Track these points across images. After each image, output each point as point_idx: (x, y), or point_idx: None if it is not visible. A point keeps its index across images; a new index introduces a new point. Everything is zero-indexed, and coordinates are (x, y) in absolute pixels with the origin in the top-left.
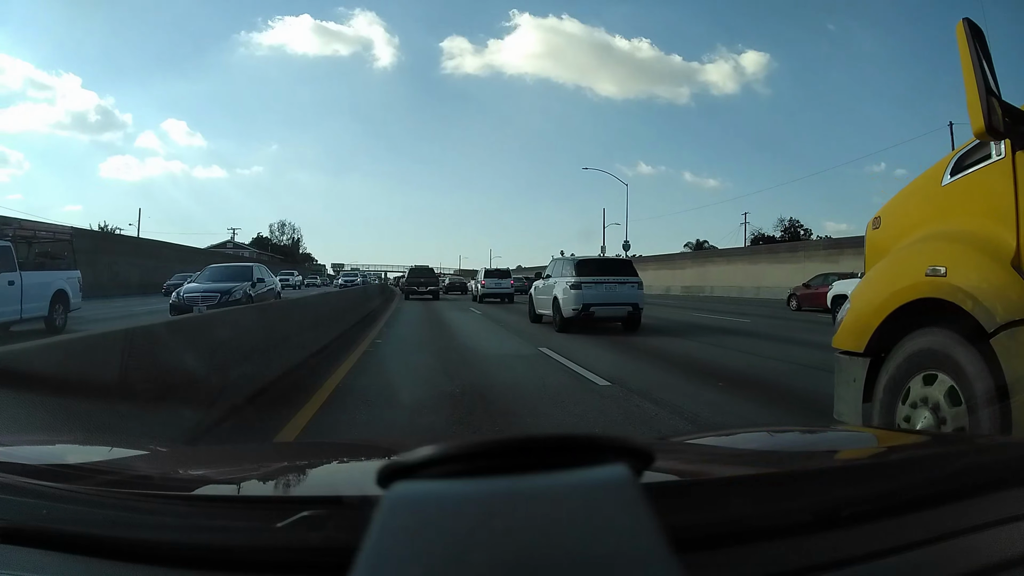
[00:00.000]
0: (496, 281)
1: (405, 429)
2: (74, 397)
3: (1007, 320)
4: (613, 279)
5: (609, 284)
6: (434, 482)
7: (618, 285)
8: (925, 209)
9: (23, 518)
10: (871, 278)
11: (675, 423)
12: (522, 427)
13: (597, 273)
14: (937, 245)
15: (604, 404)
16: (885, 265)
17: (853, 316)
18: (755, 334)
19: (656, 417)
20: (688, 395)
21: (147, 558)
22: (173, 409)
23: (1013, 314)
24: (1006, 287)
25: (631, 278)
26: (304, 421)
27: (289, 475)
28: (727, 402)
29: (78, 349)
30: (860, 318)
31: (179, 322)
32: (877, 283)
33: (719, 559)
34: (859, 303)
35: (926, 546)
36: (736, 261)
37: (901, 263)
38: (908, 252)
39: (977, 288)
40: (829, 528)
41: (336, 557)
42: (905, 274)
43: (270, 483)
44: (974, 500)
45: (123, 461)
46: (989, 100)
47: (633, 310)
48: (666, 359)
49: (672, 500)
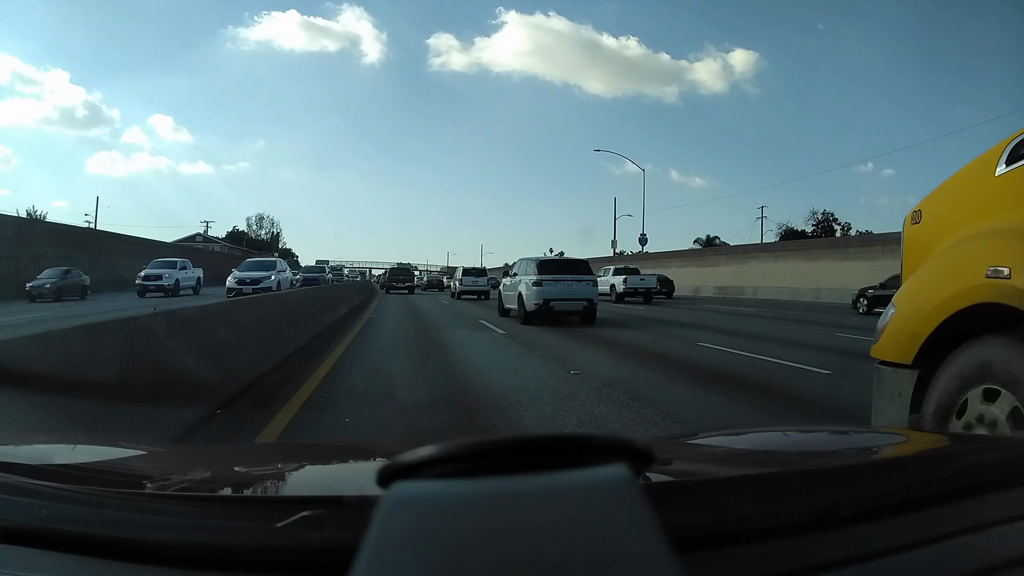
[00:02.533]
0: (473, 279)
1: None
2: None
3: None
4: (571, 277)
5: (567, 282)
6: (434, 482)
7: (575, 283)
8: (976, 202)
9: (23, 518)
10: (920, 280)
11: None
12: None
13: (557, 272)
14: (997, 242)
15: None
16: (935, 265)
17: (899, 323)
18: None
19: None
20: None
21: (147, 558)
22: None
23: None
24: None
25: (587, 276)
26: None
27: (289, 475)
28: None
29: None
30: (907, 325)
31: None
32: (927, 286)
33: (719, 559)
34: (906, 308)
35: (926, 546)
36: (787, 257)
37: (955, 263)
38: (962, 251)
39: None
40: (829, 528)
41: (336, 557)
42: (961, 276)
43: (270, 483)
44: (974, 500)
45: (123, 461)
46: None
47: (588, 305)
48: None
49: (672, 500)
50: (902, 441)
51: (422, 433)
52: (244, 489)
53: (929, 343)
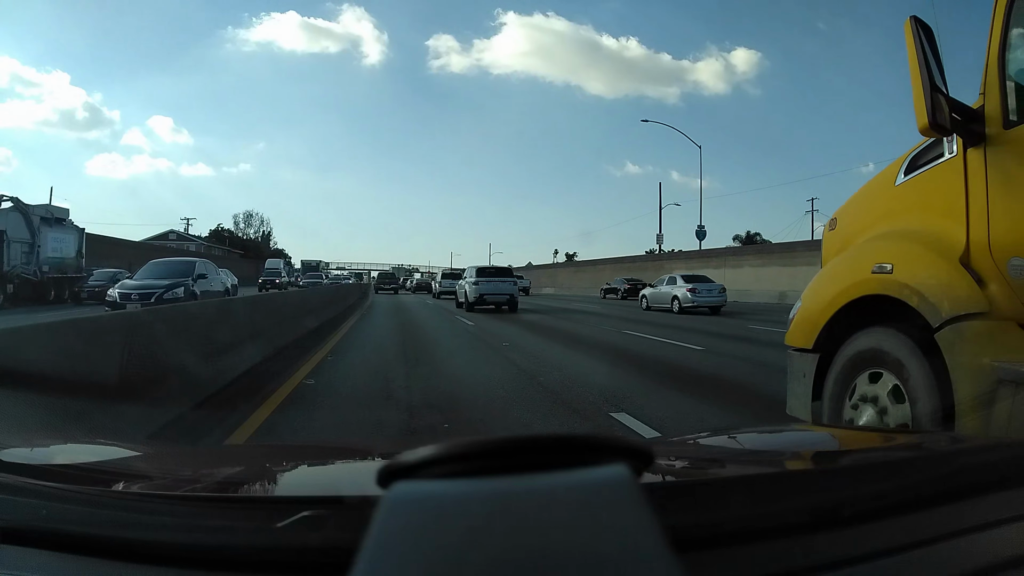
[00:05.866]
0: (451, 281)
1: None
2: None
3: (952, 315)
4: (498, 279)
5: (495, 282)
6: (434, 482)
7: (501, 283)
8: (878, 209)
9: (23, 518)
10: (821, 276)
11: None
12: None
13: (490, 276)
14: (885, 243)
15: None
16: (834, 263)
17: (803, 314)
18: None
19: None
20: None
21: (147, 558)
22: None
23: (959, 309)
24: (952, 283)
25: (510, 278)
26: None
27: (289, 475)
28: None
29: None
30: (809, 315)
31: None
32: (826, 281)
33: (719, 559)
34: (809, 301)
35: (926, 546)
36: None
37: (849, 261)
38: (857, 251)
39: (923, 284)
40: (829, 528)
41: (336, 557)
42: (852, 272)
43: (270, 483)
44: (974, 500)
45: (123, 461)
46: (934, 97)
47: (511, 298)
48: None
49: (672, 500)
50: (902, 441)
51: (421, 432)
52: (244, 489)
53: (827, 331)
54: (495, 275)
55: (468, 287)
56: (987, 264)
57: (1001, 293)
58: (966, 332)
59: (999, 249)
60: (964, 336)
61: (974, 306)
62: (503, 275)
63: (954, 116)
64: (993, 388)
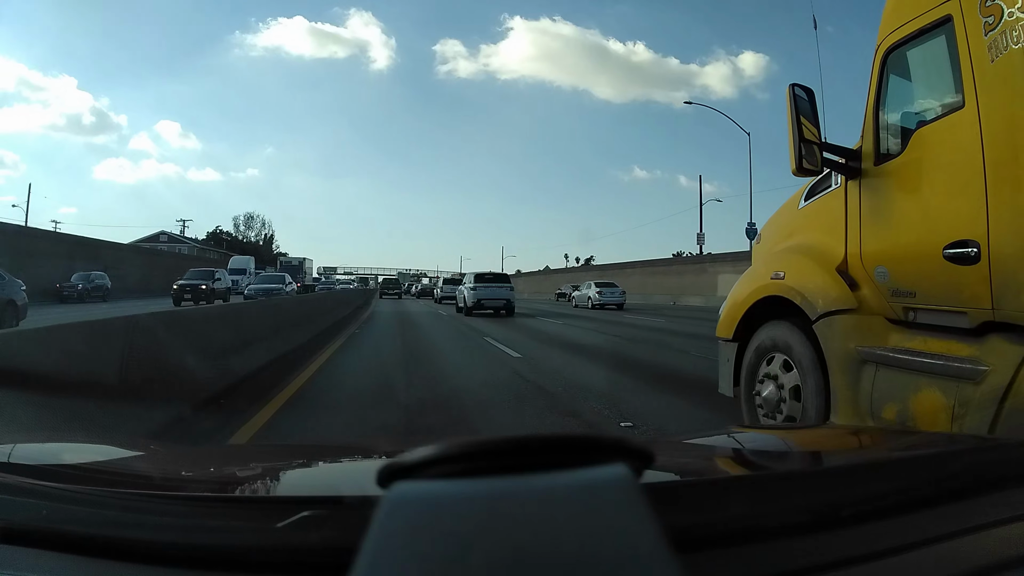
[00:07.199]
0: (452, 287)
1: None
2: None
3: (825, 311)
4: (495, 285)
5: (492, 288)
6: (434, 482)
7: (497, 288)
8: (785, 227)
9: (23, 518)
10: (740, 281)
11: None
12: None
13: (487, 282)
14: (783, 255)
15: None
16: (750, 271)
17: (726, 310)
18: None
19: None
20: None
21: (147, 558)
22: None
23: (830, 306)
24: (827, 286)
25: (506, 284)
26: None
27: (289, 475)
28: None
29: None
30: (730, 312)
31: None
32: (742, 284)
33: (719, 559)
34: (730, 301)
35: (926, 546)
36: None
37: (758, 269)
38: (764, 260)
39: (804, 287)
40: (829, 528)
41: (336, 557)
42: (759, 277)
43: (270, 483)
44: (974, 500)
45: (123, 461)
46: (801, 147)
47: (507, 303)
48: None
49: (672, 500)
50: (902, 442)
51: (421, 432)
52: (244, 489)
53: (742, 324)
54: (492, 281)
55: (467, 292)
56: (860, 272)
57: (871, 294)
58: (836, 324)
59: (868, 260)
60: (833, 327)
61: (843, 304)
62: (500, 281)
63: (831, 157)
64: (859, 367)
